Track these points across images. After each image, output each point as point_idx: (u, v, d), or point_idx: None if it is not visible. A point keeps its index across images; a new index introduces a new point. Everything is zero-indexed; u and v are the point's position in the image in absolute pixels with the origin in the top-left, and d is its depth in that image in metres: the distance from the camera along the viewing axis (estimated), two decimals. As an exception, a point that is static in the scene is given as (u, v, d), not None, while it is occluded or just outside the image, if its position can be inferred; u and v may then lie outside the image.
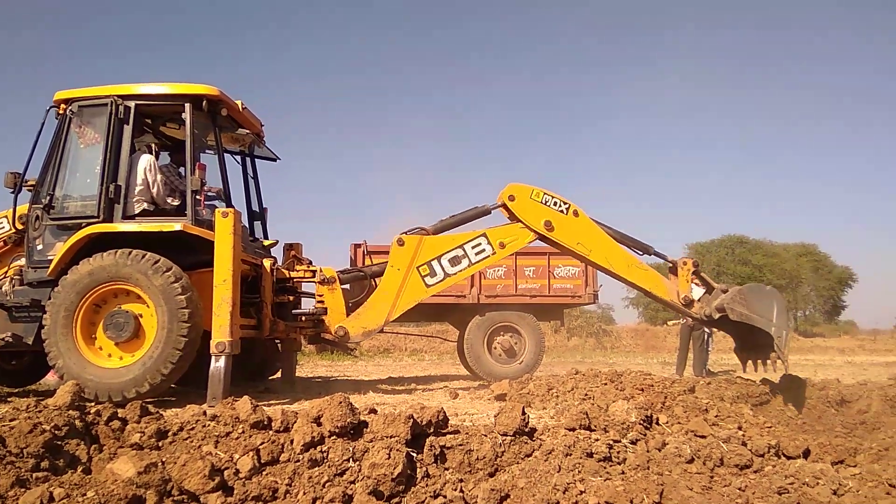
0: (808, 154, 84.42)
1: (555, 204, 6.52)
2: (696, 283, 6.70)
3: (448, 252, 6.64)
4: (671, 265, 6.65)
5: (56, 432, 3.14)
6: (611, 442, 3.64)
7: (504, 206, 6.58)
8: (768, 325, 5.61)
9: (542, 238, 6.60)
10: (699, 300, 6.49)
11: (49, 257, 6.21)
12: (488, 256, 6.70)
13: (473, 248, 6.66)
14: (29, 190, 6.56)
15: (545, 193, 6.53)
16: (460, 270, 6.68)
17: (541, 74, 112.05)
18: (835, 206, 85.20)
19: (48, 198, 6.31)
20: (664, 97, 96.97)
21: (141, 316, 5.93)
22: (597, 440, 3.63)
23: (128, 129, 6.36)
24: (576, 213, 6.54)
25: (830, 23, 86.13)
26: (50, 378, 8.40)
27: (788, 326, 5.61)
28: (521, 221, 6.56)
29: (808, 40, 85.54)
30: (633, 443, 3.75)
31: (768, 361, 5.63)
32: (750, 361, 6.20)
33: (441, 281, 6.66)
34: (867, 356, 23.90)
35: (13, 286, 6.37)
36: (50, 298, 5.92)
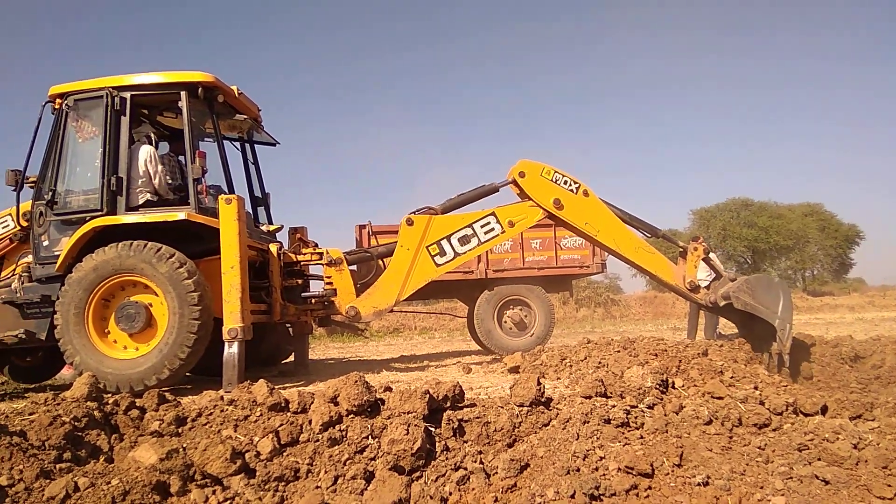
0: (811, 114, 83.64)
1: (565, 183, 6.48)
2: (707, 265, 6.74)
3: (457, 231, 6.62)
4: (682, 249, 6.62)
5: (76, 424, 3.16)
6: (628, 407, 3.64)
7: (514, 182, 6.54)
8: (773, 317, 5.60)
9: (551, 216, 6.57)
10: (706, 287, 6.49)
11: (56, 253, 6.22)
12: (497, 235, 6.67)
13: (482, 226, 6.63)
14: (31, 187, 6.54)
15: (556, 171, 6.48)
16: (470, 249, 6.66)
17: (539, 49, 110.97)
18: (840, 164, 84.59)
19: (50, 193, 6.30)
20: (666, 64, 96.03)
21: (151, 305, 5.95)
22: (613, 406, 3.63)
23: (125, 121, 6.33)
24: (585, 193, 6.49)
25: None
26: (66, 373, 8.47)
27: (792, 319, 5.63)
28: (530, 198, 6.52)
29: (813, 5, 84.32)
30: (650, 407, 3.75)
31: (770, 352, 5.61)
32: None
33: (451, 260, 6.64)
34: (878, 312, 23.91)
35: (22, 283, 6.39)
36: (59, 294, 5.94)
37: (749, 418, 3.61)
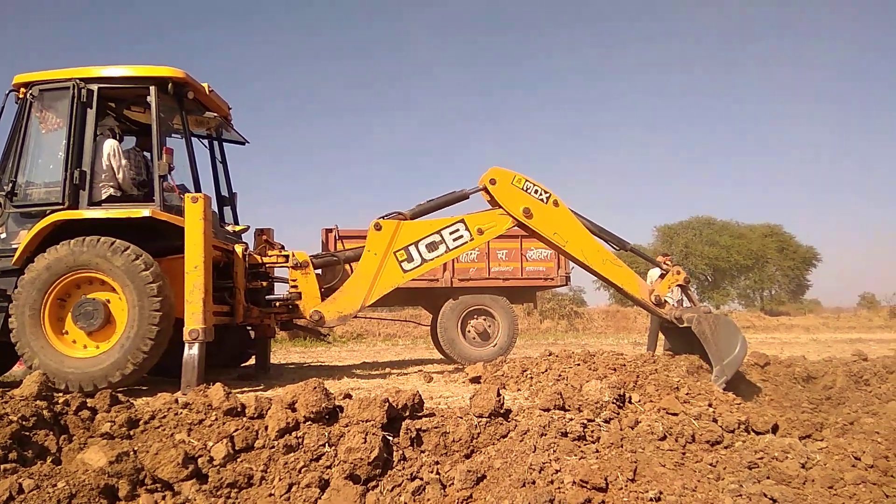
0: (775, 135, 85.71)
1: (535, 192, 6.51)
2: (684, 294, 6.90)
3: (425, 237, 6.59)
4: (664, 271, 6.74)
5: (23, 423, 3.08)
6: (585, 421, 3.69)
7: (485, 189, 6.55)
8: (717, 360, 5.63)
9: (520, 225, 6.61)
10: (682, 309, 6.58)
11: (13, 246, 6.04)
12: (466, 242, 6.66)
13: (451, 233, 6.62)
14: (-11, 177, 6.36)
15: (527, 180, 6.51)
16: (437, 256, 6.64)
17: (506, 59, 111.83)
18: (800, 186, 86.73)
19: (10, 185, 6.12)
20: (632, 80, 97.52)
21: (109, 302, 5.82)
22: (571, 420, 3.67)
23: (91, 113, 6.19)
24: (556, 203, 6.53)
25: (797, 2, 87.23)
26: (17, 369, 8.24)
27: (729, 375, 5.59)
28: (500, 206, 6.54)
29: (773, 21, 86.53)
30: (606, 421, 3.80)
31: None
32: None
33: (418, 266, 6.62)
34: (831, 333, 24.51)
35: (-25, 276, 6.20)
36: (13, 296, 5.77)
37: (702, 435, 3.68)
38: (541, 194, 6.52)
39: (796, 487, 3.19)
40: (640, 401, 4.35)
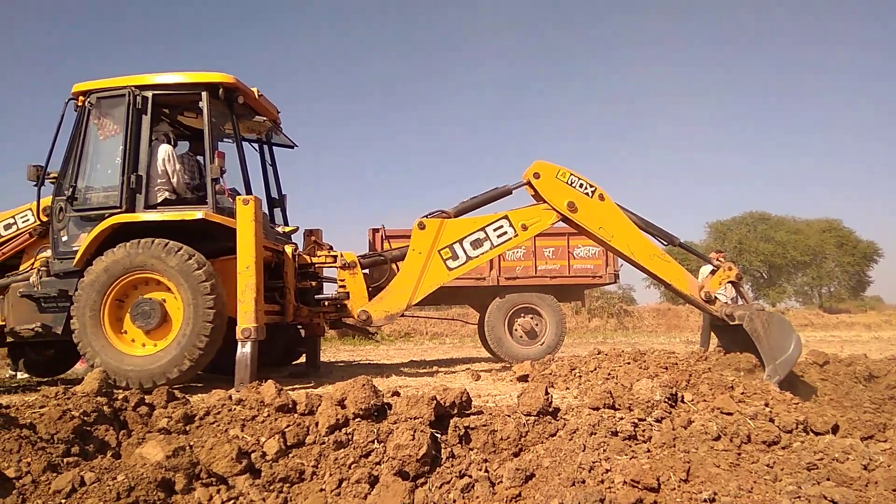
0: (830, 129, 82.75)
1: (580, 185, 6.39)
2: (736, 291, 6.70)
3: (469, 235, 6.57)
4: (715, 267, 6.53)
5: (85, 418, 3.19)
6: (636, 420, 3.62)
7: (529, 183, 6.48)
8: (770, 360, 5.45)
9: (565, 219, 6.51)
10: (734, 306, 6.36)
11: (74, 248, 6.30)
12: (510, 239, 6.62)
13: (495, 230, 6.58)
14: (51, 182, 6.63)
15: (571, 174, 6.39)
16: (482, 253, 6.62)
17: (557, 54, 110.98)
18: (860, 180, 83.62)
19: (71, 189, 6.39)
20: (683, 75, 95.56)
21: (164, 301, 6.01)
22: (621, 419, 3.61)
23: (146, 120, 6.40)
24: (601, 197, 6.39)
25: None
26: (79, 367, 8.56)
27: (782, 375, 5.40)
28: (544, 201, 6.46)
29: (829, 19, 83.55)
30: (658, 421, 3.72)
31: None
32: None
33: (463, 264, 6.61)
34: (894, 331, 23.53)
35: (40, 277, 6.47)
36: (74, 298, 6.01)
37: (758, 435, 3.57)
38: (586, 188, 6.40)
39: (858, 490, 3.06)
40: (692, 400, 4.25)
